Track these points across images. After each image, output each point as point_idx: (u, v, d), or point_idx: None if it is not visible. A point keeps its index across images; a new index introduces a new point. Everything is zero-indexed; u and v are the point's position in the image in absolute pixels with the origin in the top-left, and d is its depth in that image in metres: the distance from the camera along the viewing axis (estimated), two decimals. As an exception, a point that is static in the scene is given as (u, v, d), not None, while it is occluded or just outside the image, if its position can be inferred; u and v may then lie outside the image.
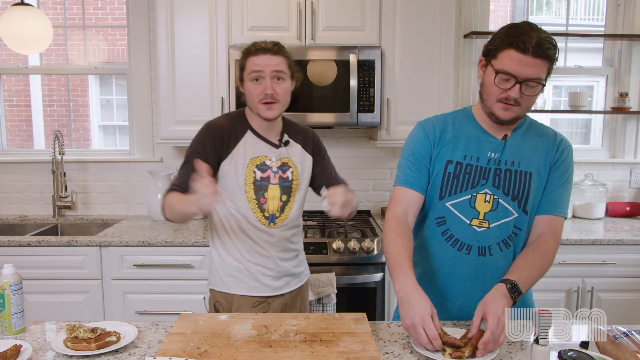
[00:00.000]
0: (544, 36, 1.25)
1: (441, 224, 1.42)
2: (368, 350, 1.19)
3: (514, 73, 1.25)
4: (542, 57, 1.24)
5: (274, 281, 1.67)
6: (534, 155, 1.40)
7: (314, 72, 2.50)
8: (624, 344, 1.16)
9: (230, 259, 1.65)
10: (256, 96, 1.57)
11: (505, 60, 1.26)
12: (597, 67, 3.17)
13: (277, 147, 1.68)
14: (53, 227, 2.88)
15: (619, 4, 3.04)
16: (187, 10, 2.54)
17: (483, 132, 1.42)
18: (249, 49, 1.59)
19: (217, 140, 1.60)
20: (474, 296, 1.40)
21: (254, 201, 1.62)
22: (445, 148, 1.42)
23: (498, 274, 1.37)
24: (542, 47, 1.23)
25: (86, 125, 5.78)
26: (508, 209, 1.38)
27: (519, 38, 1.23)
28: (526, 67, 1.24)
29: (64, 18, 3.46)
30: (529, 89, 1.27)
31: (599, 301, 2.47)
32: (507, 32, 1.27)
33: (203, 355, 1.16)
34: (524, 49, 1.23)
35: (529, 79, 1.25)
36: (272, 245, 1.65)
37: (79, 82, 5.67)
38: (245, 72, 1.59)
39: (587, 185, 2.94)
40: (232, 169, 1.60)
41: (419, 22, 2.56)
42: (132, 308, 2.43)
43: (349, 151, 3.02)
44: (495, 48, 1.29)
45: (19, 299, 1.31)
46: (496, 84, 1.29)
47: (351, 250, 2.35)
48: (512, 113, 1.32)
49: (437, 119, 1.48)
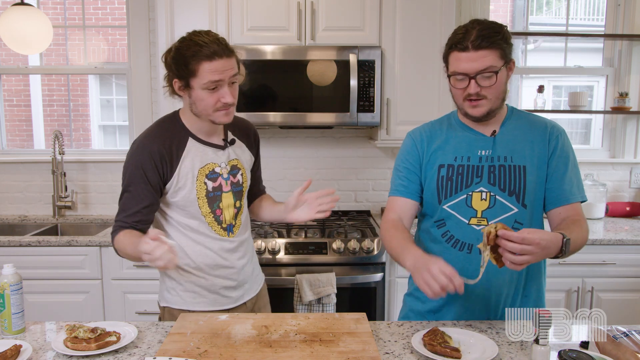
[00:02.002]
0: (484, 26, 1.29)
1: (441, 226, 1.43)
2: (368, 350, 1.19)
3: (463, 71, 1.30)
4: (484, 47, 1.28)
5: (234, 291, 1.57)
6: (526, 147, 1.39)
7: (314, 72, 2.50)
8: (624, 344, 1.16)
9: (188, 274, 1.51)
10: (212, 105, 1.40)
11: (453, 62, 1.33)
12: (597, 67, 3.17)
13: (223, 148, 1.54)
14: (53, 227, 2.88)
15: (619, 4, 3.04)
16: (187, 11, 2.54)
17: (471, 131, 1.43)
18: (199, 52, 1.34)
19: (158, 162, 1.44)
20: (480, 294, 1.41)
21: (209, 215, 1.50)
22: (436, 154, 1.44)
23: (501, 271, 1.36)
24: (482, 38, 1.27)
25: (86, 125, 5.78)
26: (506, 204, 1.38)
27: (457, 39, 1.31)
28: (472, 62, 1.28)
29: (64, 18, 3.46)
30: (485, 79, 1.30)
31: (599, 301, 2.47)
32: (450, 37, 1.35)
33: (203, 355, 1.16)
34: (463, 48, 1.29)
35: (479, 71, 1.29)
36: (231, 253, 1.55)
37: (79, 82, 5.67)
38: (197, 80, 1.37)
39: (587, 185, 2.94)
40: (181, 186, 1.46)
41: (419, 22, 2.56)
42: (132, 308, 2.43)
43: (349, 151, 3.02)
44: (445, 55, 1.37)
45: (19, 299, 1.31)
46: (455, 86, 1.35)
47: (351, 250, 2.35)
48: (482, 108, 1.34)
49: (424, 127, 1.51)
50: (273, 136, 2.99)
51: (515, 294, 1.43)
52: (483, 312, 1.44)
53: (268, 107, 2.52)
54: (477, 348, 1.21)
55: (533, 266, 1.41)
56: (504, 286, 1.41)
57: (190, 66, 1.37)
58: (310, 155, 3.02)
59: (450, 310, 1.46)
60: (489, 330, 1.35)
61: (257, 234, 2.49)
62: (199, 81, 1.37)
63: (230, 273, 1.55)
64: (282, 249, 2.35)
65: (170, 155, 1.46)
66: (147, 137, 1.50)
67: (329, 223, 2.67)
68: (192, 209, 1.48)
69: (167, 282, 1.56)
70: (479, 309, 1.43)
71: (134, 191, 1.44)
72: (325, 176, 3.03)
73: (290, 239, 2.41)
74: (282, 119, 2.52)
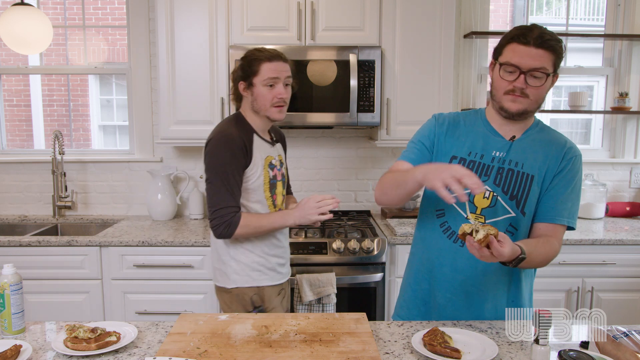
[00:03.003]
0: (547, 31, 1.31)
1: (440, 216, 1.46)
2: (368, 350, 1.19)
3: (517, 64, 1.30)
4: (544, 47, 1.29)
5: (284, 268, 1.88)
6: (540, 159, 1.40)
7: (314, 72, 2.50)
8: (624, 344, 1.16)
9: (253, 256, 1.78)
10: (270, 100, 1.70)
11: (508, 53, 1.32)
12: (597, 67, 3.17)
13: (273, 145, 1.84)
14: (53, 227, 2.88)
15: (619, 4, 3.04)
16: (187, 10, 2.54)
17: (492, 131, 1.44)
18: (261, 55, 1.70)
19: (242, 149, 1.69)
20: (467, 290, 1.43)
21: (269, 199, 1.79)
22: (452, 142, 1.45)
23: (490, 269, 1.40)
24: (544, 38, 1.29)
25: (86, 125, 5.78)
26: (505, 207, 1.39)
27: (521, 32, 1.31)
28: (528, 57, 1.29)
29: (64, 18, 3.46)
30: (534, 79, 1.31)
31: (599, 301, 2.47)
32: (511, 31, 1.35)
33: (203, 355, 1.16)
34: (525, 42, 1.29)
35: (532, 69, 1.29)
36: (283, 235, 1.87)
37: (79, 82, 5.67)
38: (259, 77, 1.69)
39: (587, 185, 2.94)
40: (255, 172, 1.73)
41: (419, 22, 2.56)
42: (132, 308, 2.43)
43: (349, 151, 3.02)
44: (501, 46, 1.36)
45: (19, 299, 1.31)
46: (502, 77, 1.34)
47: (351, 250, 2.35)
48: (520, 105, 1.34)
49: (451, 114, 1.53)
50: (273, 136, 2.99)
51: (502, 296, 1.44)
52: (467, 312, 1.45)
53: (268, 107, 2.51)
54: (477, 348, 1.21)
55: (521, 270, 1.44)
56: (489, 288, 1.43)
57: (254, 67, 1.69)
58: (310, 155, 3.02)
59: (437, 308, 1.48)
60: (489, 330, 1.35)
61: (257, 234, 2.49)
62: (260, 78, 1.69)
63: (282, 252, 1.86)
64: (282, 249, 2.35)
65: (247, 144, 1.71)
66: (228, 131, 1.72)
67: (329, 223, 2.67)
68: (259, 193, 1.75)
69: (234, 265, 1.78)
70: (464, 307, 1.44)
71: (231, 178, 1.68)
72: (325, 176, 3.03)
73: (290, 239, 2.40)
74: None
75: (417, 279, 1.54)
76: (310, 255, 2.35)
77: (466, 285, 1.43)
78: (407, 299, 1.58)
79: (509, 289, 1.45)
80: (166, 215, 2.87)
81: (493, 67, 1.40)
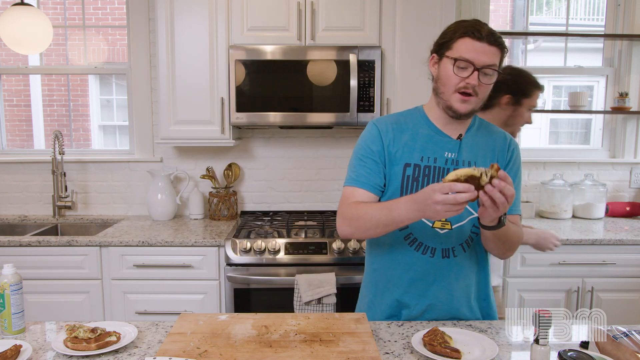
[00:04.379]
0: (492, 28, 1.30)
1: (403, 228, 1.38)
2: (368, 350, 1.19)
3: (472, 60, 1.27)
4: (496, 44, 1.27)
5: None
6: (488, 154, 1.41)
7: (314, 72, 2.50)
8: (624, 344, 1.16)
9: None
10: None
11: (461, 48, 1.28)
12: (597, 67, 3.17)
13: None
14: (53, 227, 2.88)
15: (619, 4, 3.04)
16: (187, 11, 2.54)
17: (438, 131, 1.40)
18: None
19: None
20: (441, 298, 1.41)
21: None
22: (402, 150, 1.39)
23: (462, 273, 1.40)
24: (494, 35, 1.27)
25: (86, 125, 5.77)
26: (468, 208, 1.37)
27: (472, 27, 1.28)
28: (482, 54, 1.26)
29: (64, 18, 3.46)
30: (486, 77, 1.29)
31: (599, 301, 2.47)
32: (458, 25, 1.31)
33: (203, 355, 1.16)
34: (479, 37, 1.26)
35: (486, 65, 1.27)
36: None
37: (79, 82, 5.66)
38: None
39: (587, 185, 2.94)
40: None
41: (419, 22, 2.56)
42: (132, 308, 2.43)
43: (349, 151, 3.00)
44: (449, 40, 1.31)
45: (19, 299, 1.30)
46: (455, 73, 1.29)
47: (351, 250, 2.35)
48: (469, 105, 1.32)
49: (390, 118, 1.46)
50: (273, 136, 2.99)
51: (470, 296, 1.44)
52: (447, 313, 1.43)
53: (268, 107, 2.52)
54: (477, 348, 1.21)
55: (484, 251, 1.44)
56: (466, 274, 1.42)
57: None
58: (310, 155, 3.02)
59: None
60: (489, 330, 1.35)
61: (257, 233, 2.49)
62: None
63: None
64: (282, 249, 2.35)
65: None
66: None
67: (329, 223, 2.67)
68: None
69: None
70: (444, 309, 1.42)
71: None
72: (325, 176, 3.03)
73: (290, 239, 2.41)
74: (282, 119, 2.52)
75: (384, 298, 1.46)
76: (310, 255, 2.35)
77: (444, 293, 1.40)
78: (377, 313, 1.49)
79: (477, 286, 1.45)
80: (166, 215, 2.87)
81: (437, 63, 1.34)
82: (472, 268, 1.42)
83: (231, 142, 2.63)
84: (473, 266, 1.43)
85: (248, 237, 2.42)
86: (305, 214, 2.96)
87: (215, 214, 2.89)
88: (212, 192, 2.92)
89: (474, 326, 1.37)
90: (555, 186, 2.94)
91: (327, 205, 3.05)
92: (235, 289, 2.34)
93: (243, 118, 2.53)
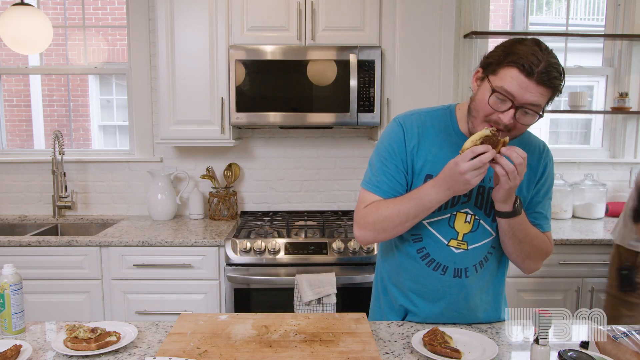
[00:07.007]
0: (553, 62, 1.10)
1: (417, 241, 1.33)
2: (368, 350, 1.19)
3: (513, 94, 1.11)
4: (547, 85, 1.10)
5: None
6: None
7: (314, 72, 2.50)
8: (624, 344, 1.16)
9: None
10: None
11: (505, 78, 1.12)
12: (597, 67, 3.17)
13: None
14: (53, 227, 2.88)
15: (619, 4, 3.04)
16: (187, 10, 2.54)
17: None
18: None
19: None
20: (447, 315, 1.37)
21: None
22: (424, 159, 1.30)
23: (472, 293, 1.35)
24: (549, 75, 1.09)
25: (86, 125, 5.77)
26: (487, 229, 1.31)
27: (525, 58, 1.09)
28: (527, 91, 1.10)
29: (64, 18, 3.46)
30: (525, 116, 1.14)
31: (599, 301, 2.47)
32: (512, 48, 1.13)
33: (203, 355, 1.16)
34: (529, 72, 1.09)
35: (527, 103, 1.12)
36: None
37: (79, 82, 5.66)
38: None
39: (587, 185, 2.94)
40: None
41: (419, 22, 2.56)
42: (132, 308, 2.43)
43: (349, 151, 3.02)
44: (497, 63, 1.14)
45: (19, 299, 1.30)
46: (490, 104, 1.15)
47: (351, 250, 2.35)
48: None
49: (418, 118, 1.34)
50: (273, 136, 2.99)
51: (487, 300, 1.40)
52: (456, 317, 1.40)
53: (268, 107, 2.52)
54: (477, 348, 1.21)
55: (495, 271, 1.39)
56: (475, 294, 1.37)
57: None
58: (310, 155, 3.02)
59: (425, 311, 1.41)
60: (489, 330, 1.35)
61: (257, 233, 2.49)
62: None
63: None
64: (282, 249, 2.35)
65: None
66: None
67: (329, 223, 2.67)
68: None
69: None
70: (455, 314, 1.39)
71: None
72: (325, 176, 3.03)
73: (290, 239, 2.41)
74: (282, 119, 2.52)
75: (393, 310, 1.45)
76: (310, 255, 2.35)
77: (451, 311, 1.36)
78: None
79: (486, 305, 1.40)
80: (166, 215, 2.87)
81: (480, 81, 1.20)
82: (482, 287, 1.37)
83: (231, 142, 2.63)
84: (484, 285, 1.37)
85: (248, 237, 2.42)
86: (305, 214, 2.96)
87: (215, 214, 2.89)
88: (212, 192, 2.92)
89: (474, 326, 1.37)
90: (555, 186, 2.91)
91: (327, 205, 3.05)
92: (235, 289, 2.34)
93: (243, 118, 2.53)
